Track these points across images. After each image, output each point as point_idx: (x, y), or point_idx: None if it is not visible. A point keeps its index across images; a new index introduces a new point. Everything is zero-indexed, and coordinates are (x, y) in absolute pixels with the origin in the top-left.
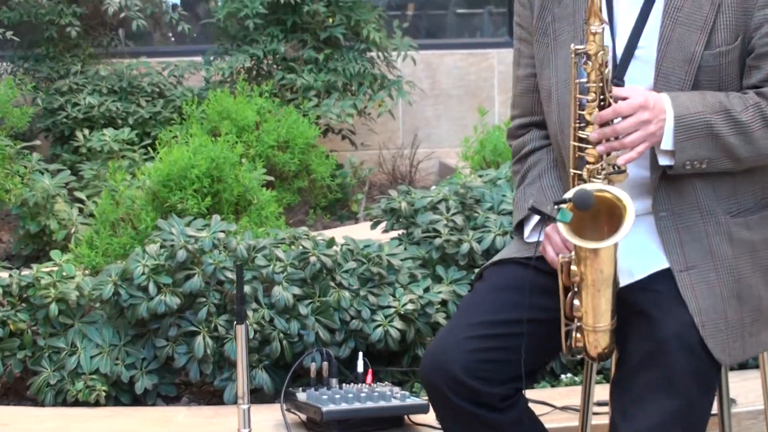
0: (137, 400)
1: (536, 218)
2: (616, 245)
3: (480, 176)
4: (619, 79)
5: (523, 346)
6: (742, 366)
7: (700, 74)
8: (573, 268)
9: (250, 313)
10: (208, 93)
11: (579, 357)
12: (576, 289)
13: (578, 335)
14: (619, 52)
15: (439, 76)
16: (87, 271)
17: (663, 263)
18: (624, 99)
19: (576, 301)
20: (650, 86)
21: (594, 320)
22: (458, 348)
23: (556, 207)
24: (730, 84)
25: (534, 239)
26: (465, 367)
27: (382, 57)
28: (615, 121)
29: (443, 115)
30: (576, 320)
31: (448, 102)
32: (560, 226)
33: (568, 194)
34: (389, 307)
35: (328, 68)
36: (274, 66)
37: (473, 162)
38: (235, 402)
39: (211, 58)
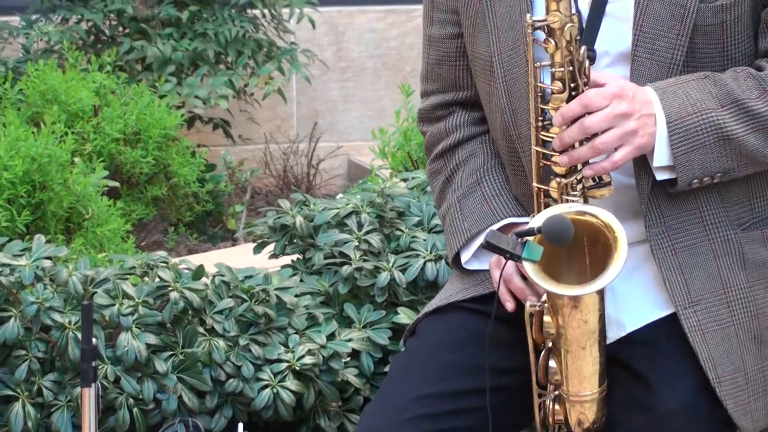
0: None
1: (479, 240)
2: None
3: (404, 180)
4: (589, 48)
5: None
6: None
7: (696, 36)
8: (546, 319)
9: None
10: (28, 67)
11: None
12: (551, 347)
13: (556, 407)
14: (585, 10)
15: (347, 43)
16: None
17: (663, 308)
18: (600, 86)
19: (552, 363)
20: (627, 51)
21: (577, 387)
22: None
23: (519, 240)
24: (737, 48)
25: (474, 266)
26: None
27: (270, 17)
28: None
29: (353, 95)
30: (552, 388)
31: (359, 78)
32: (527, 266)
33: (536, 222)
34: (280, 360)
35: (195, 32)
36: (120, 29)
37: (394, 160)
38: None
39: (32, 17)
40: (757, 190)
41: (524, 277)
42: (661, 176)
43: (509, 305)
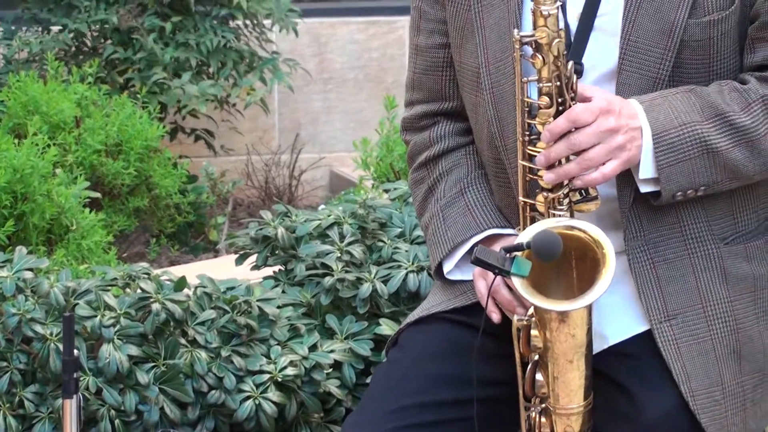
0: None
1: (462, 250)
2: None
3: (386, 191)
4: (577, 62)
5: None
6: None
7: (683, 51)
8: (533, 332)
9: None
10: (9, 78)
11: None
12: (538, 360)
13: (543, 419)
14: (574, 24)
15: (329, 53)
16: None
17: (644, 322)
18: (587, 100)
19: (539, 376)
20: (616, 66)
21: (564, 400)
22: None
23: (508, 256)
24: (724, 63)
25: (457, 277)
26: None
27: (251, 26)
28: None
29: (336, 107)
30: (538, 400)
31: (342, 89)
32: (516, 281)
33: (524, 237)
34: (262, 372)
35: (177, 42)
36: (102, 40)
37: (377, 171)
38: None
39: (12, 27)
40: (741, 204)
41: (511, 289)
42: (645, 188)
43: (495, 317)
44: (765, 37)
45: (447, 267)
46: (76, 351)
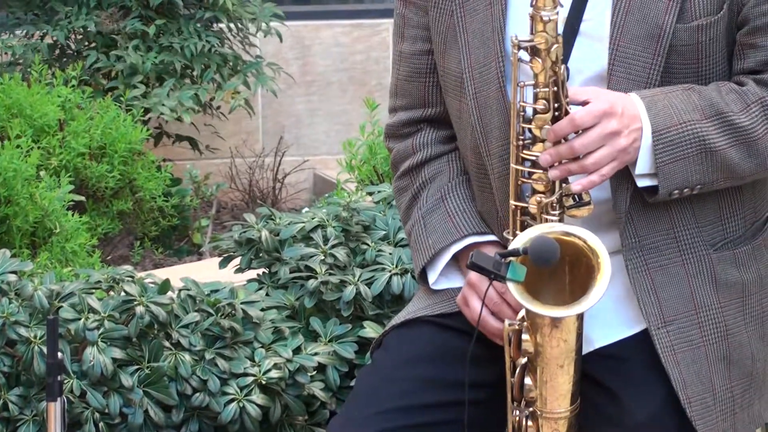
0: None
1: (445, 259)
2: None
3: (370, 194)
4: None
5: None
6: None
7: (671, 56)
8: (524, 337)
9: None
10: None
11: None
12: (526, 363)
13: (530, 423)
14: (559, 28)
15: (313, 57)
16: None
17: (633, 326)
18: (584, 104)
19: (527, 380)
20: (602, 70)
21: (552, 404)
22: None
23: (504, 260)
24: (713, 68)
25: (443, 285)
26: None
27: (236, 30)
28: (571, 136)
29: (319, 109)
30: (526, 404)
31: (325, 92)
32: (511, 286)
33: (520, 242)
34: (246, 374)
35: (161, 46)
36: (86, 44)
37: (360, 174)
38: None
39: None
40: (728, 210)
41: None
42: (642, 183)
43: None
44: (755, 43)
45: (432, 277)
46: (60, 354)
